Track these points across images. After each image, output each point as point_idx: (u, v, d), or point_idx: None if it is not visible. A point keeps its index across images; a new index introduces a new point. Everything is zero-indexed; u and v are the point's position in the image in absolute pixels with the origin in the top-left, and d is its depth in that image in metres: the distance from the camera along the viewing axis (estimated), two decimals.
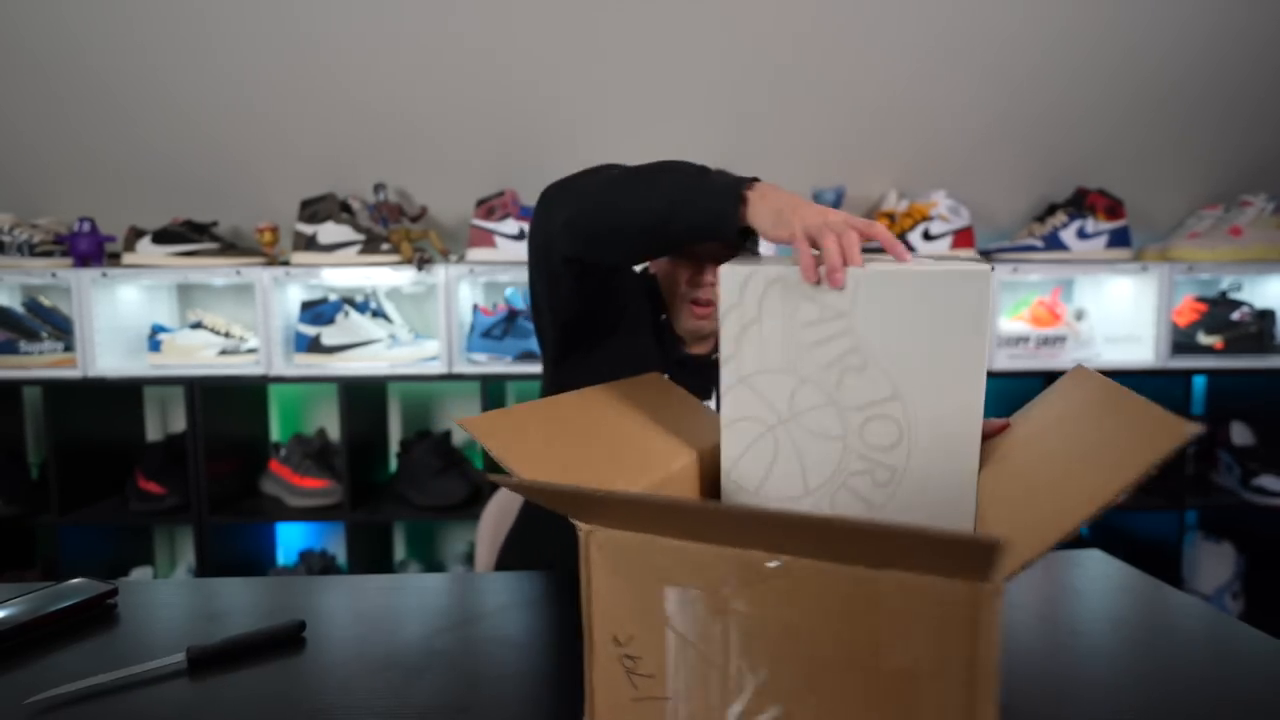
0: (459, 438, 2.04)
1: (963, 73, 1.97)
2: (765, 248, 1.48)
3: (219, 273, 1.85)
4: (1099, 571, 0.91)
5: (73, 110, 1.96)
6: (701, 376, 1.12)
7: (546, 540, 1.08)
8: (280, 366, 1.84)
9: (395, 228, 1.88)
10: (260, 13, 1.87)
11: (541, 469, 0.58)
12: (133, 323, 1.95)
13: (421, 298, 2.11)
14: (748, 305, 0.64)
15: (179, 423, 2.08)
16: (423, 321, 2.10)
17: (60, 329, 1.90)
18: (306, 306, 1.87)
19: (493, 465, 1.84)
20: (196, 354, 1.87)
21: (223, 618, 0.79)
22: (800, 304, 0.62)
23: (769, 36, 1.93)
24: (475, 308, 1.89)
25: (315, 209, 1.86)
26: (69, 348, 1.85)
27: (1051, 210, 1.96)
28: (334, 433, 2.02)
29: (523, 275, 1.94)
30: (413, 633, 0.77)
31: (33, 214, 1.96)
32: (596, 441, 0.67)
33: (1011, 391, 2.01)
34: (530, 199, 1.93)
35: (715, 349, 1.12)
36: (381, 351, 1.87)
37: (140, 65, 1.92)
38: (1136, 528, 2.03)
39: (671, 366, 1.11)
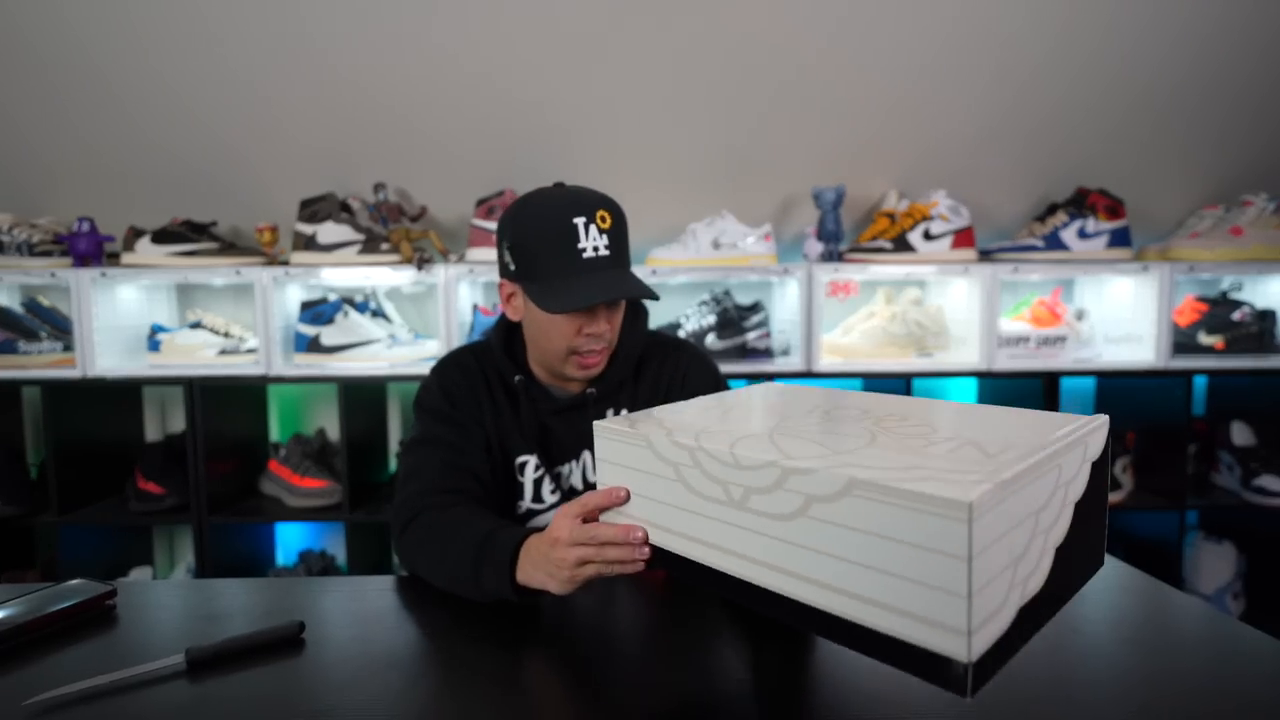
0: None
1: (963, 72, 1.97)
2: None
3: (218, 272, 1.85)
4: (1099, 571, 0.91)
5: (73, 110, 1.96)
6: (580, 417, 1.07)
7: None
8: (280, 366, 1.84)
9: (395, 227, 1.88)
10: (260, 12, 1.86)
11: None
12: (132, 322, 1.95)
13: (421, 297, 2.11)
14: None
15: (178, 423, 2.08)
16: (422, 321, 2.10)
17: (59, 329, 1.89)
18: (306, 306, 1.87)
19: None
20: (196, 354, 1.87)
21: (222, 619, 0.79)
22: None
23: (769, 36, 1.93)
24: (475, 308, 1.89)
25: (315, 209, 1.86)
26: (68, 347, 1.85)
27: (1052, 210, 1.96)
28: (333, 433, 2.02)
29: None
30: (412, 634, 0.77)
31: (32, 214, 1.96)
32: None
33: (1011, 392, 2.00)
34: None
35: (589, 385, 1.07)
36: (381, 351, 1.87)
37: (140, 65, 1.91)
38: (1137, 528, 2.03)
39: (546, 421, 1.07)
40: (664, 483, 0.62)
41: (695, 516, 0.59)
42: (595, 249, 0.94)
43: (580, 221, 0.93)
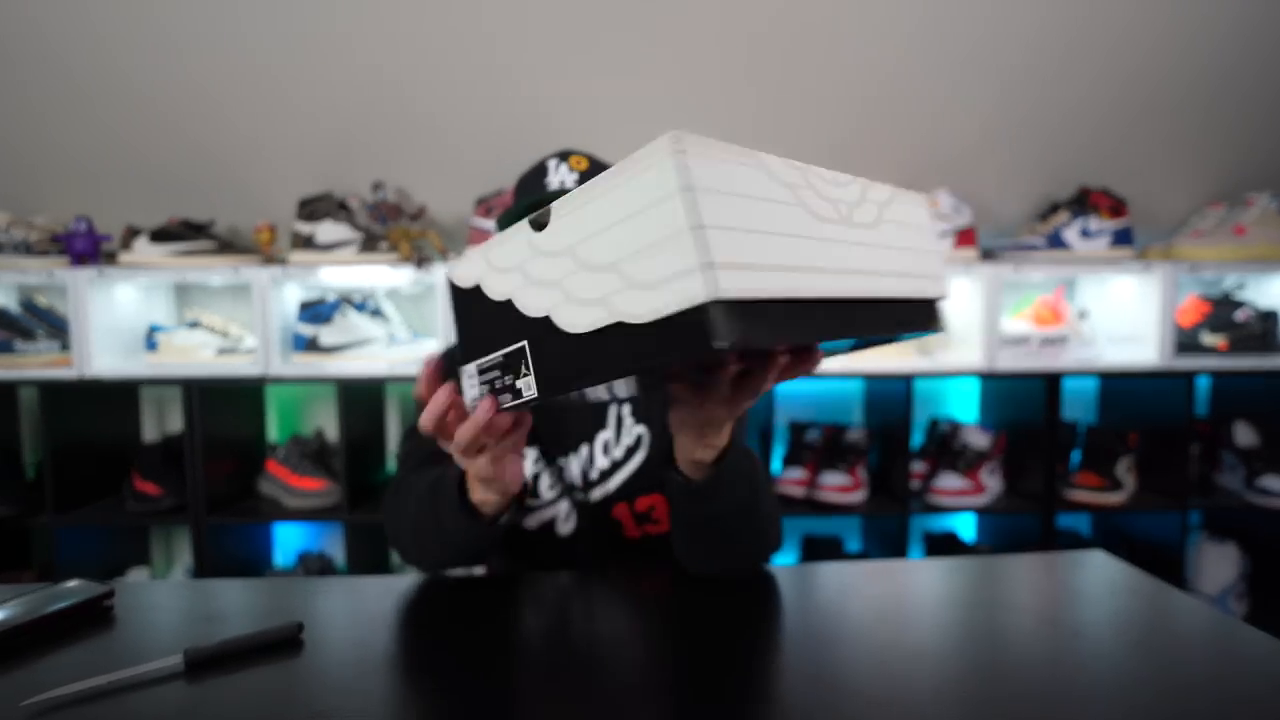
0: None
1: (965, 70, 1.96)
2: None
3: (216, 272, 1.84)
4: (1101, 573, 0.90)
5: (69, 109, 1.95)
6: (580, 410, 1.04)
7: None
8: (278, 366, 1.83)
9: (394, 226, 1.88)
10: (260, 12, 1.86)
11: None
12: (129, 322, 1.94)
13: (420, 297, 2.11)
14: None
15: (176, 423, 2.07)
16: (421, 321, 2.09)
17: (56, 328, 1.89)
18: (304, 306, 1.86)
19: None
20: (194, 354, 1.86)
21: (220, 619, 0.78)
22: None
23: (769, 34, 1.92)
24: None
25: (313, 208, 1.85)
26: (65, 347, 1.84)
27: (1054, 209, 1.95)
28: (332, 433, 2.01)
29: None
30: (411, 634, 0.76)
31: (29, 213, 1.95)
32: None
33: (1014, 392, 2.00)
34: None
35: None
36: (380, 351, 1.86)
37: (137, 64, 1.91)
38: (1140, 529, 2.02)
39: (549, 412, 1.04)
40: (780, 209, 0.57)
41: (811, 242, 0.57)
42: (561, 183, 0.96)
43: (552, 162, 0.98)
